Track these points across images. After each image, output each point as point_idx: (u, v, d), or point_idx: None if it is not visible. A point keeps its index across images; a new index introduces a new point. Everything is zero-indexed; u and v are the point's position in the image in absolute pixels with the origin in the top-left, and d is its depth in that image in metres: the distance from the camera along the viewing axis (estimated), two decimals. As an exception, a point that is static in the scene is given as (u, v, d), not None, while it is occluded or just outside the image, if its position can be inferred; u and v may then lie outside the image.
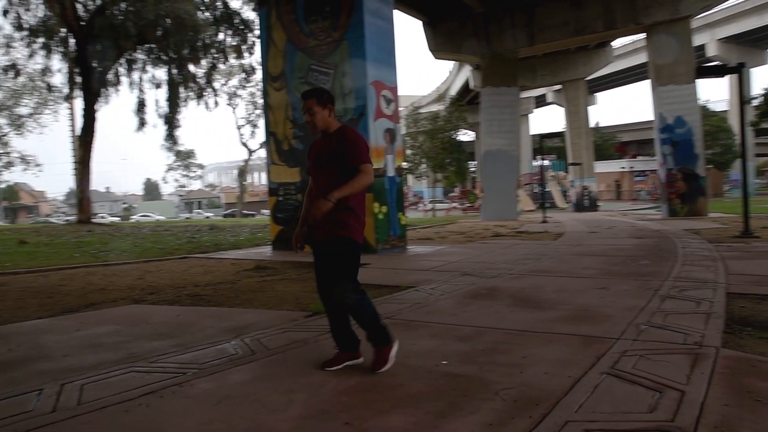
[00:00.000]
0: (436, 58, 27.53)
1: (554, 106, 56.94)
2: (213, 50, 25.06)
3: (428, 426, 2.52)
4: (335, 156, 3.33)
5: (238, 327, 4.61)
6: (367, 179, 3.27)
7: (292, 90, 11.47)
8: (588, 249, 10.23)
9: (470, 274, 7.41)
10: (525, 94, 49.03)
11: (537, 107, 61.43)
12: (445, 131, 37.43)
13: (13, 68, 24.64)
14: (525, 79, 33.76)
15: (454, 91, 48.67)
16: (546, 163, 45.52)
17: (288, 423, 2.61)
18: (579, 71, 36.50)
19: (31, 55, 23.42)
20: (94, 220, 25.33)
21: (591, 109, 47.36)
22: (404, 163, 40.68)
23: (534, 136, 53.32)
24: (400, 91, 11.57)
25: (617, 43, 41.92)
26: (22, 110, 40.59)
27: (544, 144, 27.16)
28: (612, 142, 66.87)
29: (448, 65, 52.43)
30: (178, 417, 2.71)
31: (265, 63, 12.14)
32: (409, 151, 38.69)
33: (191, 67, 25.23)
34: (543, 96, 56.51)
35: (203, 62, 25.57)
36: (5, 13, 22.22)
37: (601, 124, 73.15)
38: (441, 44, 26.21)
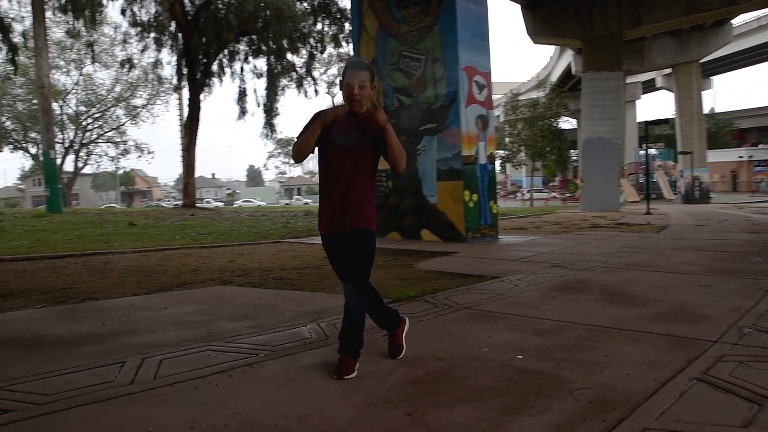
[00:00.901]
0: (535, 42, 26.63)
1: (664, 92, 53.65)
2: (311, 40, 25.56)
3: (492, 422, 2.40)
4: (371, 139, 3.09)
5: (316, 311, 4.65)
6: (403, 153, 3.14)
7: (384, 77, 11.45)
8: (692, 243, 9.54)
9: (560, 265, 7.10)
10: (632, 79, 46.48)
11: (645, 93, 58.03)
12: (544, 118, 36.30)
13: (129, 62, 26.36)
14: (631, 63, 31.95)
15: (554, 77, 47.07)
16: (652, 151, 43.07)
17: (349, 410, 2.58)
18: (692, 53, 34.00)
19: (143, 50, 24.98)
20: (198, 205, 26.73)
21: (705, 93, 44.19)
22: (502, 152, 40.10)
23: (640, 123, 50.45)
24: (499, 78, 11.35)
25: (738, 20, 38.70)
26: (137, 101, 43.52)
27: (650, 131, 25.62)
28: (729, 130, 62.14)
29: (549, 51, 50.70)
30: (243, 397, 2.75)
31: (357, 50, 12.19)
32: (507, 139, 37.85)
33: (290, 57, 25.91)
34: (652, 81, 53.30)
35: (302, 52, 26.17)
36: (123, 11, 23.81)
37: (717, 110, 68.12)
38: (540, 28, 25.30)
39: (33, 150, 44.09)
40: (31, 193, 65.30)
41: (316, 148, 3.19)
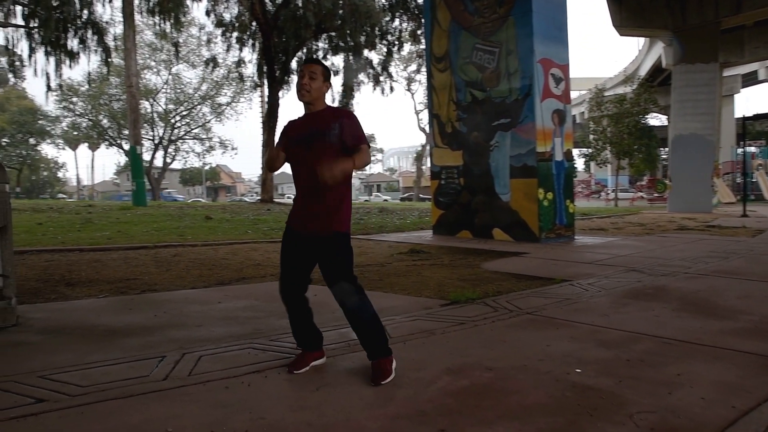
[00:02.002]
0: (621, 34, 25.32)
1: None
2: (389, 36, 25.51)
3: (535, 447, 2.13)
4: (330, 134, 2.99)
5: (368, 311, 4.48)
6: (368, 158, 3.02)
7: (456, 71, 11.15)
8: (794, 249, 8.68)
9: (637, 270, 6.60)
10: (729, 72, 43.44)
11: (745, 86, 54.17)
12: (631, 115, 34.62)
13: (213, 61, 27.30)
14: (729, 54, 29.77)
15: (643, 71, 44.72)
16: (752, 149, 40.21)
17: (379, 421, 2.38)
18: (803, 41, 31.26)
19: (227, 49, 25.76)
20: (276, 200, 27.28)
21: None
22: (586, 149, 38.55)
23: (739, 119, 47.09)
24: (583, 73, 10.73)
25: None
26: (222, 99, 45.05)
27: (750, 128, 23.83)
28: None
29: (638, 43, 48.32)
30: (271, 400, 2.61)
31: (429, 44, 11.95)
32: (591, 137, 36.46)
33: (367, 54, 25.97)
34: (753, 73, 49.77)
35: (380, 48, 26.16)
36: (208, 12, 24.65)
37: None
38: (627, 19, 23.99)
39: (126, 146, 46.57)
40: (125, 187, 69.13)
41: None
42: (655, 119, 50.36)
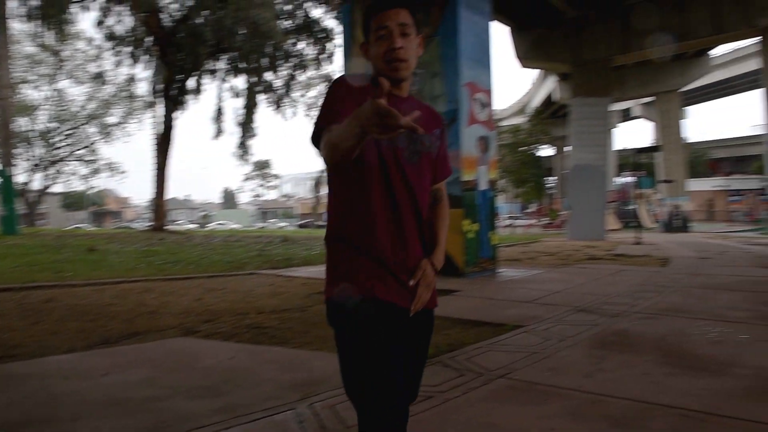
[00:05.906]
0: (524, 66, 26.00)
1: (640, 121, 54.06)
2: (292, 59, 24.70)
3: None
4: (433, 144, 1.84)
5: (305, 382, 3.57)
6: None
7: (374, 94, 10.49)
8: (715, 280, 8.64)
9: (585, 309, 6.12)
10: (611, 108, 46.58)
11: (621, 122, 58.42)
12: (525, 145, 35.94)
13: (101, 76, 25.13)
14: (614, 91, 31.70)
15: (535, 104, 46.89)
16: (632, 179, 42.91)
17: None
18: (673, 82, 33.92)
19: (118, 64, 23.75)
20: (168, 227, 25.36)
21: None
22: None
23: (621, 151, 50.46)
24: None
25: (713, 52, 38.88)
26: (110, 119, 41.95)
27: (630, 159, 25.11)
28: (703, 159, 62.95)
29: (531, 77, 50.75)
30: None
31: (347, 63, 11.24)
32: (487, 165, 37.40)
33: (269, 76, 24.99)
34: (627, 110, 53.75)
35: (282, 71, 25.27)
36: (99, 23, 22.59)
37: (691, 140, 69.02)
38: (529, 51, 24.63)
39: (-4, 167, 42.14)
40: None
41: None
42: (545, 149, 52.83)
